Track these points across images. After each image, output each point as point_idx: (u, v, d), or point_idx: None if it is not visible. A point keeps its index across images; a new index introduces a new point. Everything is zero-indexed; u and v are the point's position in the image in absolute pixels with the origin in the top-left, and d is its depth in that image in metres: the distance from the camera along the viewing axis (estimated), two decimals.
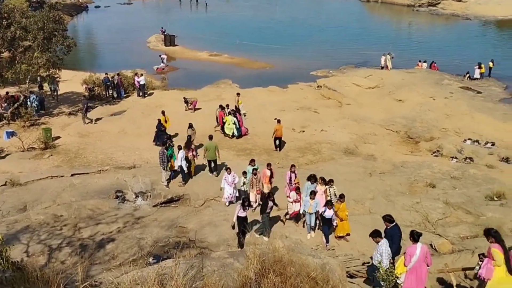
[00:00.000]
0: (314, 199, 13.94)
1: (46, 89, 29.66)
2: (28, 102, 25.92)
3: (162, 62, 40.12)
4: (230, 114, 24.45)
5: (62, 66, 28.16)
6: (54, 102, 29.02)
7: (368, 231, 13.52)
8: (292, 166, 16.51)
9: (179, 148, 18.05)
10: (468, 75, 36.05)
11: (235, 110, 25.20)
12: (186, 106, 27.70)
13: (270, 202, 13.97)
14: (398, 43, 48.32)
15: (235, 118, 24.37)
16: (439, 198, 16.84)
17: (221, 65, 41.84)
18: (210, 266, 6.88)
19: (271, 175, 16.74)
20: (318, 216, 14.01)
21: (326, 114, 28.29)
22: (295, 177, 16.13)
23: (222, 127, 24.57)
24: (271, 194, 14.52)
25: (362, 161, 21.80)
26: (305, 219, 14.59)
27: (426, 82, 33.35)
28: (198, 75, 37.61)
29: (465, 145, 23.57)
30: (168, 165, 17.67)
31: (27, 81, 26.29)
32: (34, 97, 26.46)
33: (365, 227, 14.18)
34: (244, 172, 16.46)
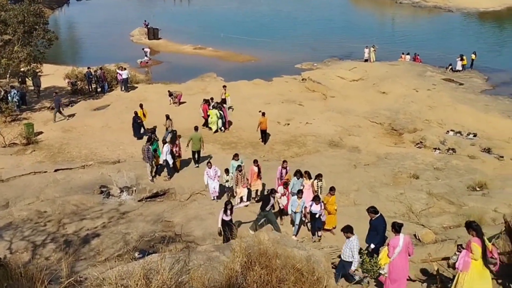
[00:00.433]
0: (301, 198, 13.79)
1: (29, 83, 29.15)
2: (9, 97, 25.48)
3: (146, 55, 39.76)
4: (214, 108, 24.34)
5: (44, 60, 27.75)
6: (35, 97, 28.57)
7: (353, 223, 13.64)
8: (284, 162, 16.43)
9: (164, 142, 17.96)
10: (450, 67, 36.43)
11: (220, 103, 25.03)
12: (171, 100, 27.53)
13: (272, 199, 13.75)
14: (382, 36, 48.54)
15: (221, 112, 24.29)
16: (423, 189, 17.07)
17: (205, 58, 41.61)
18: (196, 259, 6.88)
19: (259, 171, 16.49)
20: (305, 213, 13.88)
21: (311, 106, 28.38)
22: (286, 173, 16.02)
23: (206, 121, 24.44)
24: (274, 190, 14.16)
25: (347, 153, 21.96)
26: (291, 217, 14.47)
27: (409, 74, 33.63)
28: (182, 69, 37.36)
29: (447, 136, 23.88)
30: (153, 160, 17.53)
31: (8, 75, 25.83)
32: (15, 92, 26.00)
33: (350, 219, 14.29)
34: (226, 169, 16.26)
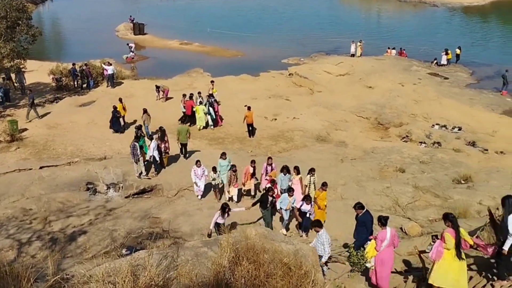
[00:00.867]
0: (292, 196, 13.66)
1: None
2: None
3: (131, 51, 39.40)
4: (202, 104, 24.17)
5: (27, 56, 27.36)
6: (19, 94, 28.18)
7: (340, 217, 13.78)
8: (268, 158, 16.33)
9: (151, 138, 17.86)
10: (435, 61, 36.78)
11: (213, 98, 24.59)
12: (158, 96, 27.38)
13: (270, 197, 13.61)
14: (368, 31, 48.75)
15: (211, 108, 24.01)
16: (409, 183, 17.23)
17: (192, 53, 41.43)
18: (184, 255, 6.86)
19: (254, 173, 16.25)
20: (295, 213, 13.74)
21: (298, 101, 28.43)
22: (271, 169, 15.93)
23: (189, 117, 23.98)
24: (271, 189, 13.92)
25: (334, 147, 22.07)
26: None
27: (395, 68, 33.88)
28: (168, 64, 37.13)
29: (433, 130, 24.12)
30: (140, 157, 17.38)
31: None
32: None
33: (337, 213, 14.43)
34: (214, 167, 16.06)
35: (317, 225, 10.19)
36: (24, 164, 18.69)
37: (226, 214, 12.57)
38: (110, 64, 29.96)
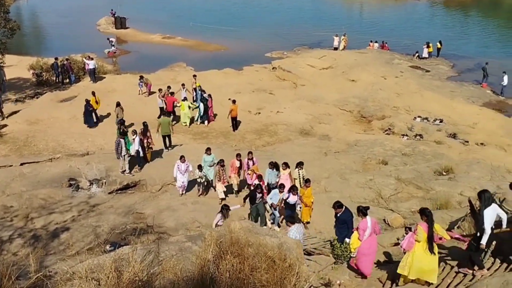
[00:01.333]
0: (283, 192, 13.50)
1: None
2: None
3: (112, 45, 38.90)
4: (186, 100, 23.95)
5: (6, 51, 26.85)
6: None
7: (324, 210, 13.85)
8: (249, 153, 16.06)
9: (134, 133, 17.66)
10: (417, 55, 37.14)
11: (206, 93, 24.24)
12: (140, 90, 27.13)
13: (258, 194, 13.44)
14: (350, 24, 48.95)
15: (202, 103, 23.60)
16: (391, 175, 17.43)
17: (175, 47, 41.12)
18: (168, 250, 6.85)
19: (240, 166, 16.04)
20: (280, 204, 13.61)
21: (282, 95, 28.47)
22: (253, 164, 15.76)
23: (170, 114, 23.37)
24: (259, 186, 13.76)
25: (318, 141, 22.19)
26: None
27: (377, 62, 34.12)
28: (151, 59, 36.79)
29: (415, 122, 24.40)
30: (125, 154, 17.15)
31: None
32: None
33: (321, 206, 14.50)
34: (199, 166, 15.82)
35: (289, 220, 10.32)
36: (4, 160, 18.37)
37: (227, 215, 12.17)
38: (92, 58, 29.59)
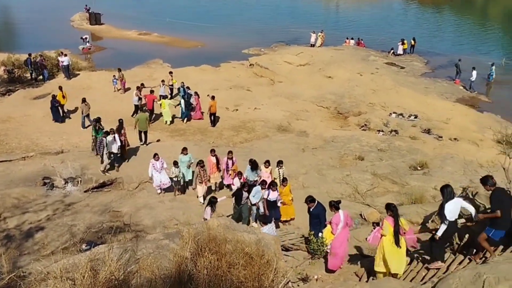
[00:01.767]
0: (265, 188, 13.37)
1: None
2: None
3: (86, 42, 38.22)
4: (167, 97, 23.74)
5: None
6: None
7: (302, 206, 13.90)
8: (229, 152, 15.77)
9: (112, 132, 17.27)
10: (392, 51, 37.65)
11: (185, 88, 23.99)
12: (115, 87, 26.79)
13: (245, 193, 13.27)
14: (327, 21, 49.30)
15: (183, 100, 23.37)
16: (367, 170, 17.64)
17: (151, 44, 40.70)
18: (146, 248, 6.81)
19: (217, 162, 15.69)
20: (264, 201, 13.48)
21: (259, 92, 28.49)
22: (232, 164, 15.57)
23: (151, 112, 23.17)
24: (246, 184, 13.61)
25: (295, 137, 22.29)
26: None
27: (353, 58, 34.42)
28: (127, 55, 36.32)
29: (390, 118, 24.73)
30: (103, 152, 16.85)
31: None
32: None
33: (299, 202, 14.56)
34: (175, 162, 15.55)
35: (262, 220, 10.39)
36: None
37: (215, 207, 12.10)
38: (65, 55, 29.05)
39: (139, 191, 16.38)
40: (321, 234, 10.24)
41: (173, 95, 25.91)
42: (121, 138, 17.83)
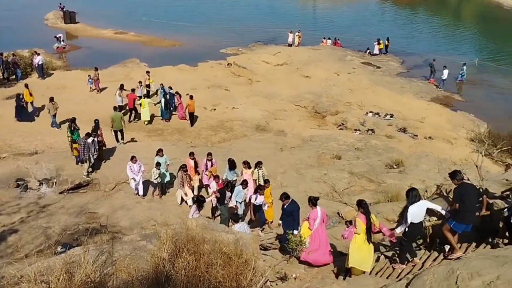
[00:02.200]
0: (246, 188, 13.33)
1: None
2: None
3: (61, 41, 37.55)
4: (146, 97, 23.51)
5: None
6: None
7: (280, 205, 13.97)
8: (208, 154, 15.58)
9: (90, 135, 16.87)
10: (368, 51, 38.09)
11: (167, 88, 23.77)
12: (91, 87, 26.40)
13: (228, 192, 13.11)
14: (304, 21, 49.51)
15: (164, 99, 23.13)
16: (345, 169, 17.83)
17: (127, 43, 40.23)
18: (122, 250, 6.74)
19: (196, 165, 15.47)
20: (248, 205, 13.42)
21: (237, 91, 28.48)
22: (212, 165, 15.38)
23: (132, 111, 23.01)
24: (230, 184, 13.42)
25: (273, 136, 22.36)
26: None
27: (330, 58, 34.71)
28: (103, 54, 35.83)
29: (367, 117, 25.03)
30: (89, 154, 16.51)
31: None
32: None
33: (277, 201, 14.62)
34: (158, 163, 15.14)
35: (233, 218, 10.44)
36: None
37: (201, 207, 11.87)
38: (39, 54, 28.48)
39: (116, 192, 16.19)
40: (296, 232, 10.31)
41: (149, 96, 25.58)
42: (98, 139, 17.55)
